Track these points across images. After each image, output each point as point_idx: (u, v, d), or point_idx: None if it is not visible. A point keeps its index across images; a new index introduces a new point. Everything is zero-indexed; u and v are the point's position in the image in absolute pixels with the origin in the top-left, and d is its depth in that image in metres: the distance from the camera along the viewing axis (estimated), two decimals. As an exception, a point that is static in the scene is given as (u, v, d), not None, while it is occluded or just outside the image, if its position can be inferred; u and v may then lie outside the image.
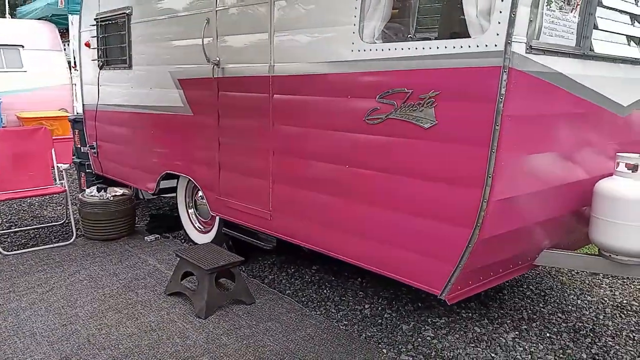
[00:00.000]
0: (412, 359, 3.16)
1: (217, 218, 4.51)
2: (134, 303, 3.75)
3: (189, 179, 4.81)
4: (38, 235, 5.22)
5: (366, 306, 3.81)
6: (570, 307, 3.90)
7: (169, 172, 4.81)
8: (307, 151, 3.38)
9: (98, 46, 5.52)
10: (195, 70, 4.23)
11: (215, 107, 4.07)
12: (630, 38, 3.24)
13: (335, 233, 3.27)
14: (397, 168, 2.84)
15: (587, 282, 4.39)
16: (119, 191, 5.11)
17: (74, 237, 4.98)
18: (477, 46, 2.43)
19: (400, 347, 3.28)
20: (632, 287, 4.30)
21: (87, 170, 6.16)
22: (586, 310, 3.85)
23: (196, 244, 4.84)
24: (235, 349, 3.17)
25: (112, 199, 4.98)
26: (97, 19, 5.47)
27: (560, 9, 2.61)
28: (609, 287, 4.28)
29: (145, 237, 5.11)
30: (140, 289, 3.97)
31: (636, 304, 3.99)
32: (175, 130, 4.60)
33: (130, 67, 5.07)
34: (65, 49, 9.84)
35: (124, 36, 5.07)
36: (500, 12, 2.34)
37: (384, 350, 3.23)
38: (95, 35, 5.53)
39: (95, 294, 3.89)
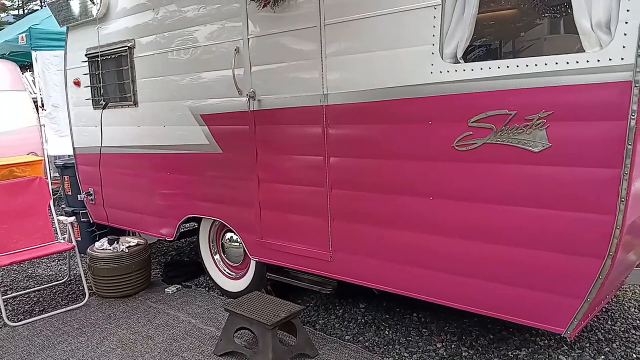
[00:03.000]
0: (514, 402, 2.89)
1: (252, 262, 4.13)
2: (185, 370, 3.32)
3: (213, 221, 4.41)
4: (42, 299, 4.64)
5: (438, 345, 3.52)
6: (638, 322, 3.75)
7: (191, 215, 4.38)
8: (377, 183, 3.09)
9: (92, 84, 5.06)
10: (223, 104, 3.88)
11: (252, 143, 3.72)
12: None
13: (420, 272, 2.98)
14: (500, 197, 2.59)
15: (637, 291, 4.28)
16: (133, 241, 4.62)
17: (86, 298, 4.44)
18: (598, 60, 2.24)
19: (495, 389, 3.02)
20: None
21: (82, 220, 5.62)
22: (656, 325, 3.71)
23: (226, 291, 4.42)
24: (322, 414, 2.81)
25: (127, 250, 4.48)
26: (90, 54, 5.02)
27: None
28: (661, 297, 4.19)
29: (166, 289, 4.62)
30: (184, 352, 3.53)
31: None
32: (198, 169, 4.20)
33: (135, 104, 4.65)
34: (31, 88, 9.08)
35: (126, 71, 4.65)
36: (627, 22, 2.16)
37: (481, 395, 2.95)
38: (88, 72, 5.07)
39: (136, 363, 3.43)
